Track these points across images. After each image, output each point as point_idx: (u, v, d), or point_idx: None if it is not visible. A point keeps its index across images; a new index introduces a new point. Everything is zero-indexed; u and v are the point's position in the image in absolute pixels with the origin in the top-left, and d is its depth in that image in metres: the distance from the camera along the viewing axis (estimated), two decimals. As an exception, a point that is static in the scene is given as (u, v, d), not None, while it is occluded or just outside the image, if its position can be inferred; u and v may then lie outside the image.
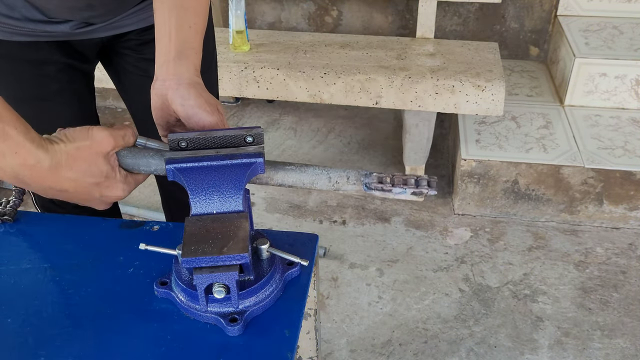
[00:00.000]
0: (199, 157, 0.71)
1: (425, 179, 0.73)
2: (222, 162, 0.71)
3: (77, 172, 0.69)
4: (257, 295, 0.71)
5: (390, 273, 1.92)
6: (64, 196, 0.71)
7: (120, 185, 0.73)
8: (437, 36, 2.53)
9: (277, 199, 2.27)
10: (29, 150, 0.66)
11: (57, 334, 0.69)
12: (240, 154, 0.72)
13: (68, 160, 0.68)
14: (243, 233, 0.68)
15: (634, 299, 1.82)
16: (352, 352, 1.67)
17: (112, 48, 1.14)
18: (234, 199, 0.71)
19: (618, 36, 2.37)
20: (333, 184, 0.74)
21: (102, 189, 0.72)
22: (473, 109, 2.01)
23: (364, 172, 0.74)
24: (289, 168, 0.75)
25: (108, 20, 1.04)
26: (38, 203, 1.24)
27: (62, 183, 0.69)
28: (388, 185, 0.73)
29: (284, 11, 2.74)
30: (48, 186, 0.69)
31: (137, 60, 1.14)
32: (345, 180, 0.74)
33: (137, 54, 1.13)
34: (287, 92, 2.10)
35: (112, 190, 0.73)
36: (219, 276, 0.66)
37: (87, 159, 0.70)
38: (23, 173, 0.67)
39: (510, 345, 1.68)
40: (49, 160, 0.67)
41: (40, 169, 0.67)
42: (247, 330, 0.69)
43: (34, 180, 0.68)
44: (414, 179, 0.73)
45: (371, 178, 0.73)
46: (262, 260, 0.74)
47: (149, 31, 1.09)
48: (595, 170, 2.02)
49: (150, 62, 1.09)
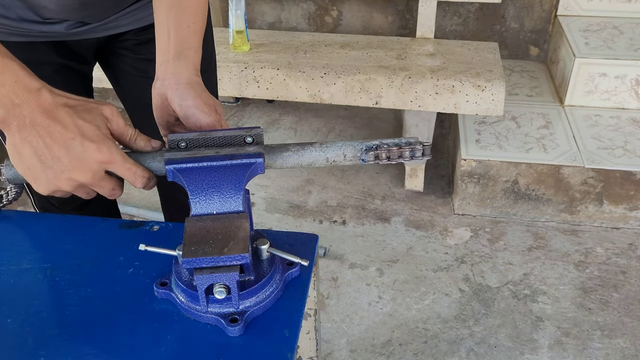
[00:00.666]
0: (199, 158, 0.71)
1: (420, 149, 0.76)
2: (221, 163, 0.71)
3: (73, 118, 0.66)
4: (257, 295, 0.71)
5: (390, 273, 1.92)
6: (45, 144, 0.66)
7: (113, 149, 0.68)
8: (437, 36, 2.53)
9: (277, 199, 2.27)
10: (32, 80, 0.66)
11: (57, 334, 0.69)
12: (240, 154, 0.72)
13: (69, 103, 0.67)
14: (243, 233, 0.68)
15: (634, 299, 1.82)
16: (352, 352, 1.67)
17: (109, 48, 1.14)
18: (234, 199, 0.71)
19: (618, 36, 2.37)
20: (331, 163, 0.77)
21: (86, 146, 0.67)
22: (473, 109, 2.01)
23: (360, 147, 0.76)
24: (286, 154, 0.76)
25: (103, 20, 1.03)
26: (37, 204, 1.24)
27: (53, 125, 0.66)
28: (384, 160, 0.75)
29: (284, 11, 2.74)
30: (38, 123, 0.65)
31: (134, 61, 1.13)
32: (342, 158, 0.76)
33: (134, 54, 1.12)
34: (287, 92, 2.10)
35: (98, 153, 0.67)
36: (219, 277, 0.66)
37: (89, 112, 0.68)
38: (21, 96, 0.65)
39: (510, 345, 1.68)
40: (50, 97, 0.66)
41: (39, 96, 0.66)
42: (247, 330, 0.69)
43: (29, 107, 0.65)
44: (409, 151, 0.75)
45: (368, 156, 0.75)
46: (262, 260, 0.74)
47: (146, 31, 1.08)
48: (595, 170, 2.02)
49: (148, 62, 1.09)
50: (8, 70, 0.65)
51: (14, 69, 0.66)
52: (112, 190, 0.72)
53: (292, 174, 2.37)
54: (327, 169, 2.41)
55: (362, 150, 0.76)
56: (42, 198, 1.20)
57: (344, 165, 2.43)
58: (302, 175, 2.38)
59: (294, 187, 2.33)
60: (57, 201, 1.19)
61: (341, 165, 2.43)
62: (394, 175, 2.38)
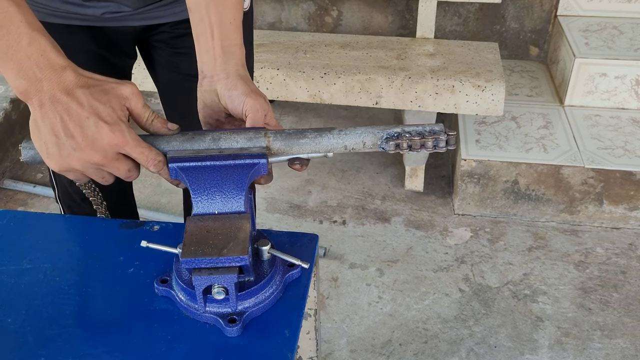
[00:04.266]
0: (202, 157, 0.71)
1: (444, 139, 0.72)
2: (224, 162, 0.71)
3: (89, 98, 0.67)
4: (256, 296, 0.71)
5: (390, 273, 1.92)
6: (61, 121, 0.67)
7: (125, 132, 0.68)
8: (437, 36, 2.53)
9: (277, 199, 2.27)
10: (58, 57, 0.67)
11: (57, 334, 0.69)
12: (244, 154, 0.71)
13: (88, 83, 0.68)
14: (243, 235, 0.67)
15: (634, 299, 1.82)
16: (352, 352, 1.67)
17: (147, 41, 1.13)
18: (236, 199, 0.70)
19: (618, 36, 2.37)
20: (350, 150, 0.74)
21: (100, 126, 0.67)
22: (473, 109, 2.01)
23: (381, 135, 0.72)
24: (302, 141, 0.73)
25: (140, 9, 1.03)
26: (60, 198, 1.23)
27: (70, 102, 0.67)
28: (405, 150, 0.72)
29: (284, 11, 2.74)
30: (58, 100, 0.66)
31: (170, 55, 1.13)
32: (361, 146, 0.73)
33: (170, 47, 1.12)
34: (287, 92, 2.10)
35: (110, 134, 0.67)
36: (217, 278, 0.65)
37: (106, 93, 0.69)
38: (44, 71, 0.66)
39: (510, 345, 1.68)
40: (74, 77, 0.67)
41: (62, 74, 0.66)
42: (247, 330, 0.69)
43: (50, 84, 0.66)
44: (432, 140, 0.71)
45: (388, 145, 0.72)
46: (262, 261, 0.73)
47: (181, 25, 1.08)
48: (595, 170, 2.02)
49: (182, 57, 1.10)
50: (36, 44, 0.66)
51: (42, 44, 0.67)
52: (127, 172, 0.71)
53: (292, 174, 2.37)
54: (327, 169, 2.40)
55: (382, 139, 0.73)
56: (65, 191, 1.20)
57: (344, 165, 2.43)
58: (302, 175, 2.38)
59: (294, 187, 2.33)
60: (79, 196, 1.18)
61: (342, 165, 2.43)
62: (394, 175, 2.38)
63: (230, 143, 0.73)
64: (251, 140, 0.73)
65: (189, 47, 0.85)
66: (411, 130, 0.72)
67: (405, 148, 0.71)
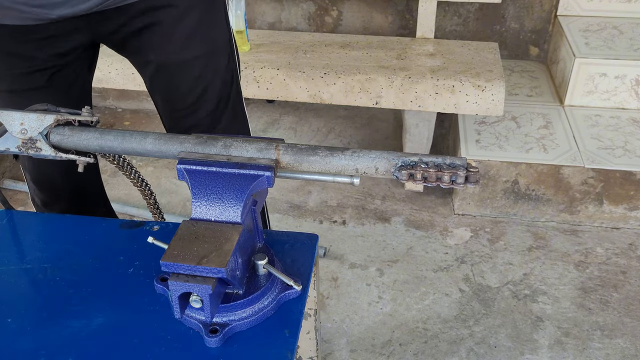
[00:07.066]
0: (209, 162, 0.70)
1: (463, 175, 0.65)
2: (229, 170, 0.69)
3: None
4: (244, 310, 0.69)
5: (390, 273, 1.92)
6: None
7: None
8: (437, 36, 2.53)
9: (277, 199, 2.27)
10: None
11: (57, 333, 0.69)
12: (250, 165, 0.70)
13: None
14: (228, 247, 0.65)
15: (634, 299, 1.82)
16: (352, 352, 1.67)
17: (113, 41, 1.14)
18: (234, 209, 0.69)
19: (618, 36, 2.37)
20: (361, 174, 0.70)
21: None
22: (473, 109, 2.01)
23: (395, 162, 0.68)
24: (312, 159, 0.70)
25: None
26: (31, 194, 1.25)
27: None
28: (420, 182, 0.67)
29: (284, 11, 2.74)
30: None
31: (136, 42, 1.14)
32: (374, 171, 0.69)
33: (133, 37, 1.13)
34: (287, 92, 2.10)
35: None
36: (192, 287, 0.63)
37: None
38: None
39: (510, 345, 1.68)
40: None
41: None
42: (247, 330, 0.69)
43: None
44: (449, 175, 0.66)
45: (401, 174, 0.67)
46: (258, 275, 0.72)
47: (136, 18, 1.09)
48: (595, 170, 2.02)
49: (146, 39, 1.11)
50: None
51: None
52: None
53: (292, 174, 2.37)
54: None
55: (396, 166, 0.68)
56: (32, 191, 1.22)
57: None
58: (302, 175, 2.38)
59: (294, 187, 2.33)
60: (40, 201, 1.20)
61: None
62: (394, 175, 2.38)
63: (240, 151, 0.72)
64: (261, 151, 0.71)
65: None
66: (429, 161, 0.68)
67: (419, 179, 0.67)
